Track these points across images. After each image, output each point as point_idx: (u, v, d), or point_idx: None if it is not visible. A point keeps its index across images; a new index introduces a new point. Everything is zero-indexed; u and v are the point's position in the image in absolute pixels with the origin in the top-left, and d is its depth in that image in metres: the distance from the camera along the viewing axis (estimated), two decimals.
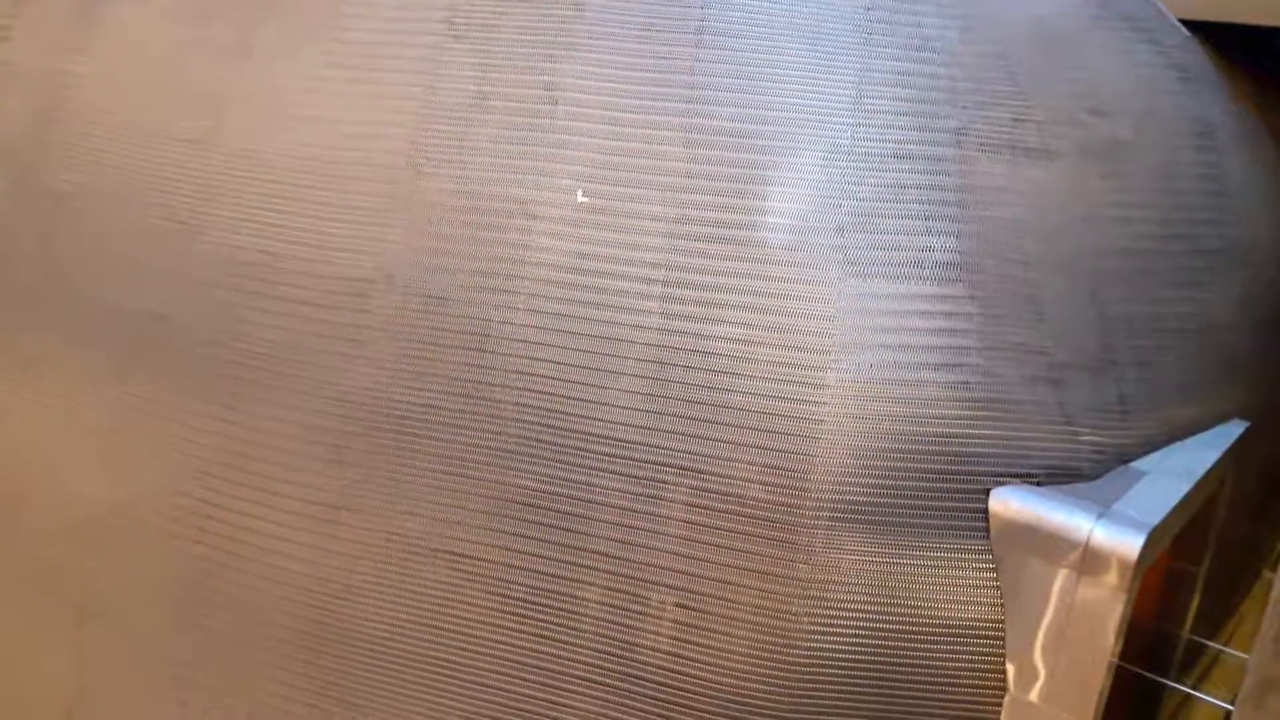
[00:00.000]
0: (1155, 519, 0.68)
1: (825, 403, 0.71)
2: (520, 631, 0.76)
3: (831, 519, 0.70)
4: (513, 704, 0.77)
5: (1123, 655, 0.70)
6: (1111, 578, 0.66)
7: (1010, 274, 0.74)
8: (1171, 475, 0.75)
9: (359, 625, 0.81)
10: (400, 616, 0.80)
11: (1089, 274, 0.77)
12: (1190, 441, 0.80)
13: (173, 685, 0.89)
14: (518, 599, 0.76)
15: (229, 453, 0.86)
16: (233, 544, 0.86)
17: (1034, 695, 0.69)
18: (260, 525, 0.85)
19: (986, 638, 0.71)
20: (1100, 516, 0.67)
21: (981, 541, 0.71)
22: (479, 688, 0.78)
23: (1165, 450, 0.78)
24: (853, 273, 0.72)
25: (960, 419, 0.72)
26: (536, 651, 0.76)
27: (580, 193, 0.77)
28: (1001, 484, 0.71)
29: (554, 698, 0.76)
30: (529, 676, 0.76)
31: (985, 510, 0.71)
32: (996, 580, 0.71)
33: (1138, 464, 0.76)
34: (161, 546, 0.89)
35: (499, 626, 0.77)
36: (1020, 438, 0.73)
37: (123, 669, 0.91)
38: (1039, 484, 0.72)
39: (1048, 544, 0.68)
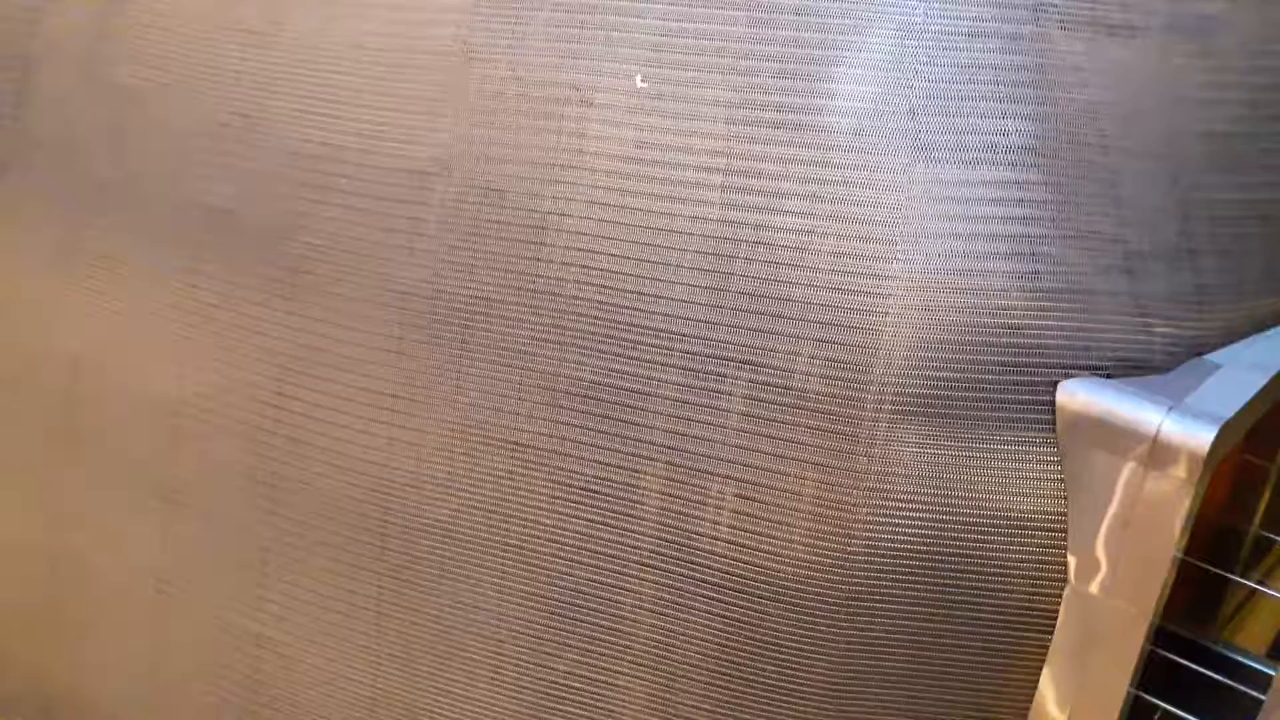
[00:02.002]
0: (1228, 413, 0.65)
1: (890, 294, 0.68)
2: (580, 519, 0.77)
3: (893, 412, 0.69)
4: (574, 586, 0.78)
5: (1187, 549, 0.68)
6: (1180, 471, 0.64)
7: (1087, 159, 0.70)
8: (1247, 368, 0.71)
9: (425, 511, 0.82)
10: (464, 503, 0.80)
11: (1171, 158, 0.73)
12: (1271, 334, 0.77)
13: (254, 568, 0.91)
14: (577, 487, 0.76)
15: (298, 345, 0.86)
16: (305, 434, 0.87)
17: (1094, 588, 0.68)
18: (330, 416, 0.85)
19: (1048, 530, 0.69)
20: (1171, 409, 0.65)
21: (1047, 434, 0.69)
22: (541, 571, 0.79)
23: (1243, 342, 0.75)
24: (922, 158, 0.69)
25: (1029, 309, 0.69)
26: (596, 538, 0.76)
27: (639, 77, 0.74)
28: (1070, 376, 0.69)
29: (614, 581, 0.76)
30: (589, 561, 0.77)
31: (1052, 403, 0.69)
32: (1060, 473, 0.69)
33: (1213, 356, 0.73)
34: (238, 437, 0.90)
35: (560, 514, 0.77)
36: (1091, 329, 0.70)
37: (207, 552, 0.94)
38: (1109, 376, 0.69)
39: (1115, 437, 0.66)
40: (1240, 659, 0.86)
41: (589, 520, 0.76)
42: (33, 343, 1.02)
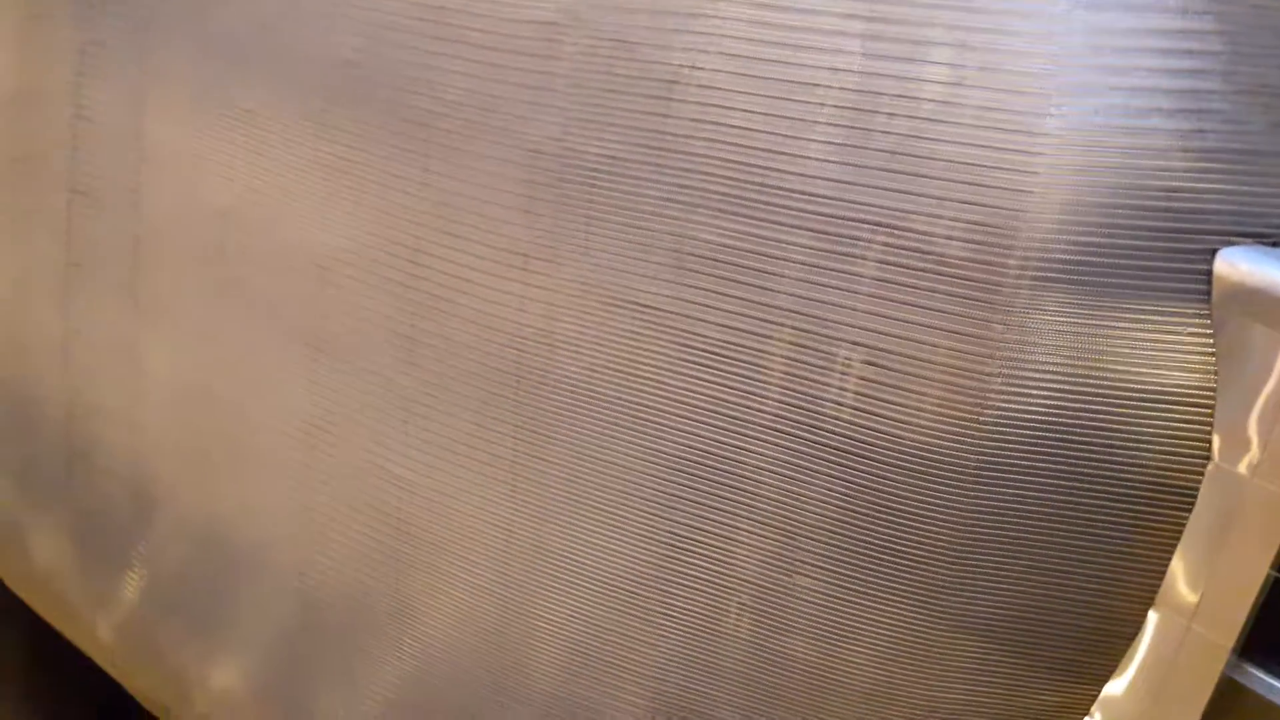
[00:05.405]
0: None
1: (1042, 153, 0.61)
2: (705, 381, 0.74)
3: (1037, 278, 0.63)
4: (698, 445, 0.76)
5: None
6: None
7: (1266, 4, 0.61)
8: None
9: (555, 369, 0.81)
10: (593, 362, 0.79)
11: None
12: None
13: (398, 417, 0.92)
14: (702, 350, 0.73)
15: (431, 202, 0.85)
16: (442, 290, 0.86)
17: (1241, 467, 0.62)
18: (464, 273, 0.84)
19: (1192, 405, 0.64)
20: None
21: (1200, 305, 0.62)
22: (666, 430, 0.77)
23: None
24: (1083, 4, 0.61)
25: (1191, 171, 0.61)
26: (720, 399, 0.74)
27: None
28: (1230, 243, 0.62)
29: (737, 443, 0.74)
30: (712, 422, 0.74)
31: (1208, 272, 0.62)
32: (1211, 347, 0.62)
33: None
34: (379, 290, 0.90)
35: (684, 375, 0.75)
36: (1258, 193, 0.62)
37: (353, 400, 0.95)
38: (1275, 245, 0.62)
39: (1278, 309, 0.59)
40: None
41: (713, 383, 0.74)
42: (188, 197, 1.04)
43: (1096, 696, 0.69)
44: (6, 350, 1.28)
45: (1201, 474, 0.64)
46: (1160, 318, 0.63)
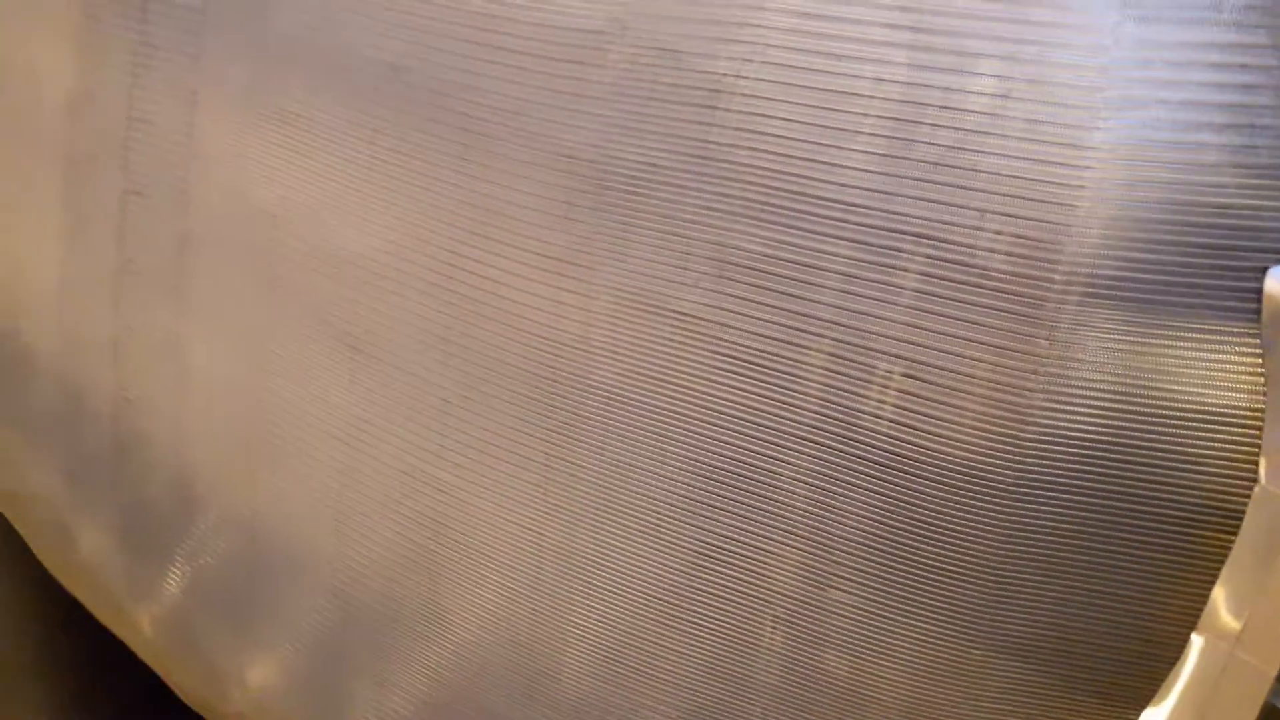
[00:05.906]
0: None
1: (1089, 167, 0.60)
2: (741, 390, 0.73)
3: (1082, 294, 0.62)
4: (731, 455, 0.75)
5: None
6: None
7: None
8: None
9: (590, 375, 0.80)
10: (627, 369, 0.78)
11: None
12: None
13: (435, 418, 0.93)
14: (739, 359, 0.73)
15: (470, 206, 0.85)
16: (478, 292, 0.86)
17: None
18: (502, 277, 0.84)
19: (1240, 427, 0.62)
20: None
21: (1249, 324, 0.61)
22: (700, 438, 0.76)
23: None
24: (1133, 16, 0.60)
25: (1242, 188, 0.60)
26: (756, 409, 0.73)
27: None
28: None
29: (772, 453, 0.73)
30: (748, 432, 0.74)
31: (1258, 290, 0.60)
32: (1260, 367, 0.61)
33: None
34: (418, 292, 0.90)
35: (720, 384, 0.74)
36: None
37: (392, 400, 0.96)
38: None
39: None
40: None
41: (749, 392, 0.73)
42: (233, 196, 1.05)
43: None
44: (61, 346, 1.30)
45: (1248, 497, 0.62)
46: (1208, 337, 0.61)
